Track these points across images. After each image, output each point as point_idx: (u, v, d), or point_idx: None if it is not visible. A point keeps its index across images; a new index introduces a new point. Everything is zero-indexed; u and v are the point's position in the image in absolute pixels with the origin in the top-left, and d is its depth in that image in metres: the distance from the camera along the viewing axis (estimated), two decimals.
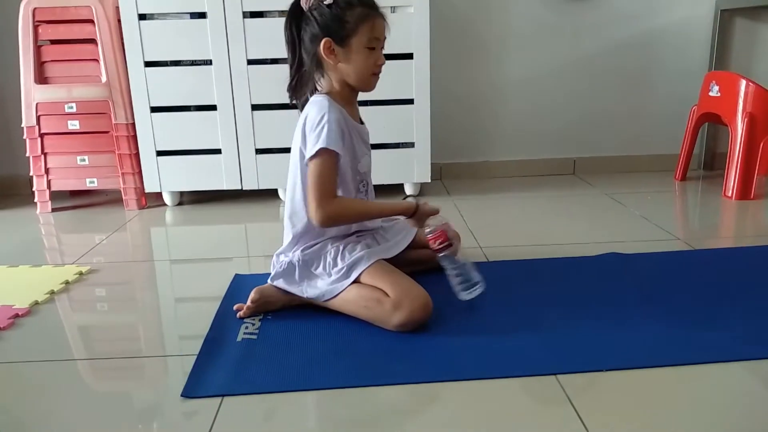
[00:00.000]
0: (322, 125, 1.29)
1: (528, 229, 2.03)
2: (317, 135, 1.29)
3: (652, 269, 1.60)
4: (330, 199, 1.31)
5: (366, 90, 1.37)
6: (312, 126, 1.31)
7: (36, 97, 2.30)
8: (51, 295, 1.56)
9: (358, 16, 1.28)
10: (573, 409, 1.01)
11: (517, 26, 2.62)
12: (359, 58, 1.31)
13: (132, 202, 2.39)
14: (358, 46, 1.30)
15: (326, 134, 1.28)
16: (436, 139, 2.41)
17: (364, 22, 1.29)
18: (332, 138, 1.29)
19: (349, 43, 1.30)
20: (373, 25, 1.30)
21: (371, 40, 1.30)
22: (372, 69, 1.33)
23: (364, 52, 1.31)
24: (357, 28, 1.29)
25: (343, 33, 1.29)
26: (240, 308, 1.38)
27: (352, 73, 1.33)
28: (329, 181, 1.31)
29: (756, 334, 1.23)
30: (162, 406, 1.09)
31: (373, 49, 1.32)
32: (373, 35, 1.30)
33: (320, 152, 1.29)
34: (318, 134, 1.29)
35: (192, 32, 2.23)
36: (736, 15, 2.65)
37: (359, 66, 1.32)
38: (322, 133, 1.29)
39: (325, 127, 1.29)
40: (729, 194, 2.28)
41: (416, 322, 1.26)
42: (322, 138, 1.28)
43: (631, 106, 2.74)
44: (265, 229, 2.19)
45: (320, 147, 1.28)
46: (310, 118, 1.32)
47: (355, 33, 1.29)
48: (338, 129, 1.30)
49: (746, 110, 2.23)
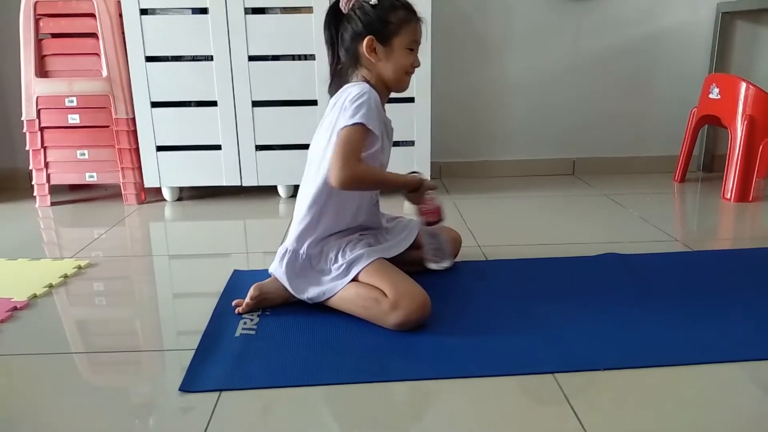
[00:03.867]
0: (363, 101, 1.30)
1: (527, 228, 2.03)
2: (356, 108, 1.29)
3: (650, 270, 1.60)
4: (356, 161, 1.30)
5: (399, 90, 1.41)
6: (353, 99, 1.31)
7: (36, 91, 2.30)
8: (49, 288, 1.56)
9: (401, 18, 1.34)
10: (570, 408, 1.01)
11: (518, 27, 2.62)
12: (399, 58, 1.36)
13: (131, 196, 2.39)
14: (399, 47, 1.35)
15: (366, 111, 1.29)
16: (436, 138, 2.41)
17: (406, 24, 1.35)
18: (372, 117, 1.30)
19: (391, 42, 1.35)
20: (415, 28, 1.36)
21: (411, 42, 1.36)
22: (408, 69, 1.38)
23: (404, 52, 1.36)
24: (399, 29, 1.34)
25: (387, 32, 1.34)
26: (239, 304, 1.38)
27: (391, 71, 1.37)
28: (358, 148, 1.30)
29: (753, 336, 1.24)
30: (160, 400, 1.09)
31: (412, 50, 1.37)
32: (413, 38, 1.36)
33: (357, 125, 1.29)
34: (357, 108, 1.29)
35: (193, 28, 2.23)
36: (736, 18, 2.65)
37: (398, 65, 1.36)
38: (361, 109, 1.29)
39: (366, 105, 1.30)
40: (728, 196, 2.28)
41: (414, 322, 1.26)
42: (362, 113, 1.29)
43: (631, 107, 2.74)
44: (265, 225, 2.19)
45: (359, 121, 1.28)
46: (351, 93, 1.32)
47: (397, 34, 1.34)
48: (377, 111, 1.32)
49: (746, 113, 2.24)
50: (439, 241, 1.46)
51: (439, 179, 2.70)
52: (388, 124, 1.45)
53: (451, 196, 2.43)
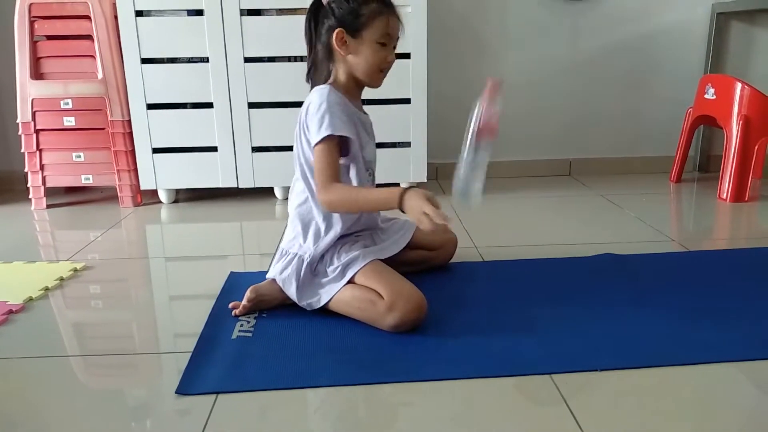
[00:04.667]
0: (323, 110, 1.30)
1: (523, 229, 2.03)
2: (320, 121, 1.29)
3: (646, 270, 1.60)
4: (330, 187, 1.30)
5: (372, 86, 1.39)
6: (313, 113, 1.31)
7: (32, 93, 2.29)
8: (45, 291, 1.55)
9: (373, 11, 1.31)
10: (567, 408, 1.01)
11: (514, 27, 2.63)
12: (369, 52, 1.33)
13: (127, 199, 2.38)
14: (369, 40, 1.32)
15: (329, 119, 1.29)
16: (432, 139, 2.41)
17: (378, 17, 1.31)
18: (336, 123, 1.29)
19: (360, 35, 1.32)
20: (387, 21, 1.32)
21: (383, 36, 1.32)
22: (380, 65, 1.35)
23: (374, 46, 1.32)
24: (370, 21, 1.31)
25: (357, 25, 1.31)
26: (236, 306, 1.38)
27: (361, 65, 1.34)
28: (332, 167, 1.31)
29: (750, 336, 1.24)
30: (156, 403, 1.09)
31: (385, 45, 1.33)
32: (385, 31, 1.32)
33: (324, 140, 1.29)
34: (320, 120, 1.29)
35: (189, 29, 2.23)
36: (732, 18, 2.66)
37: (368, 59, 1.33)
38: (324, 119, 1.29)
39: (327, 112, 1.29)
40: (724, 196, 2.29)
41: (410, 324, 1.26)
42: (326, 124, 1.29)
43: (627, 107, 2.75)
44: (261, 226, 2.19)
45: (325, 135, 1.28)
46: (311, 105, 1.33)
47: (367, 26, 1.31)
48: (341, 113, 1.31)
49: (741, 113, 2.24)
50: (482, 161, 1.36)
51: (435, 180, 2.70)
52: (365, 120, 1.43)
53: (448, 196, 2.43)
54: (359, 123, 1.39)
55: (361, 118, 1.41)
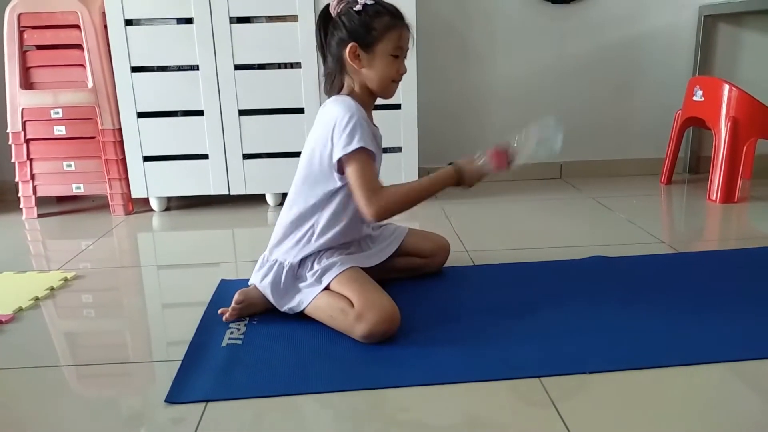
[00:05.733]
0: (354, 124, 1.30)
1: (515, 233, 2.04)
2: (350, 134, 1.29)
3: (636, 272, 1.61)
4: (377, 193, 1.30)
5: (385, 96, 1.40)
6: (344, 125, 1.30)
7: (21, 103, 2.29)
8: (35, 301, 1.55)
9: (386, 25, 1.32)
10: (556, 411, 1.02)
11: (501, 32, 2.64)
12: (382, 65, 1.33)
13: (119, 207, 2.38)
14: (382, 53, 1.33)
15: (360, 133, 1.29)
16: (423, 144, 2.41)
17: (390, 30, 1.32)
18: (366, 138, 1.30)
19: (374, 49, 1.32)
20: (400, 34, 1.34)
21: (396, 49, 1.34)
22: (393, 76, 1.36)
23: (387, 59, 1.33)
24: (383, 35, 1.32)
25: (370, 39, 1.31)
26: (224, 312, 1.37)
27: (375, 78, 1.35)
28: (371, 176, 1.31)
29: (740, 336, 1.25)
30: (146, 411, 1.08)
31: (397, 57, 1.35)
32: (398, 44, 1.34)
33: (358, 151, 1.29)
34: (351, 133, 1.29)
35: (179, 38, 2.23)
36: (719, 21, 2.68)
37: (382, 72, 1.34)
38: (356, 132, 1.29)
39: (358, 126, 1.29)
40: (713, 197, 2.30)
41: (379, 335, 1.24)
42: (358, 137, 1.28)
43: (616, 110, 2.76)
44: (253, 234, 2.19)
45: (358, 146, 1.28)
46: (337, 117, 1.31)
47: (380, 40, 1.32)
48: (369, 130, 1.32)
49: (729, 114, 2.26)
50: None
51: None
52: (377, 133, 1.43)
53: (439, 201, 2.44)
54: (375, 137, 1.39)
55: (374, 131, 1.41)
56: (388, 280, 1.41)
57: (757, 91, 2.29)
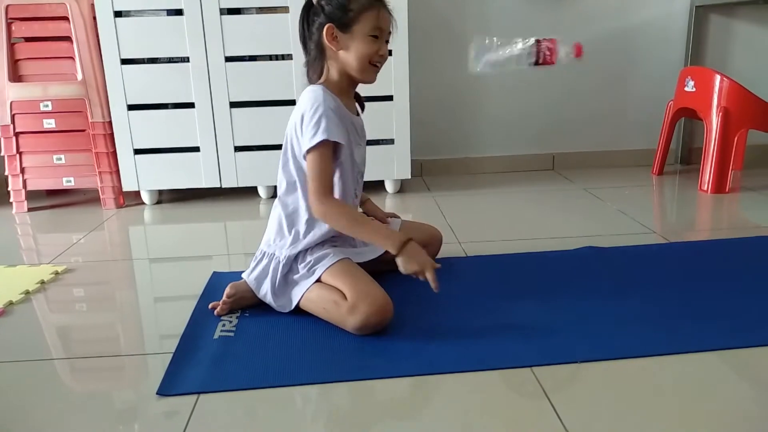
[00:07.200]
0: (320, 114, 1.29)
1: (507, 224, 2.04)
2: (315, 125, 1.28)
3: (628, 262, 1.61)
4: (330, 196, 1.30)
5: (365, 81, 1.36)
6: (308, 118, 1.30)
7: (10, 96, 2.27)
8: (26, 295, 1.54)
9: (363, 5, 1.30)
10: (548, 401, 1.02)
11: (494, 24, 2.63)
12: (360, 46, 1.31)
13: (110, 201, 2.36)
14: (360, 34, 1.30)
15: (325, 123, 1.28)
16: (415, 135, 2.41)
17: (367, 10, 1.30)
18: (332, 129, 1.28)
19: (351, 30, 1.30)
20: (377, 15, 1.31)
21: (374, 29, 1.30)
22: (372, 58, 1.32)
23: (365, 39, 1.30)
24: (360, 15, 1.29)
25: (346, 19, 1.29)
26: (215, 306, 1.37)
27: (353, 61, 1.32)
28: (328, 173, 1.31)
29: (731, 325, 1.25)
30: (138, 404, 1.08)
31: (376, 38, 1.32)
32: (376, 24, 1.30)
33: (319, 145, 1.28)
34: (316, 124, 1.28)
35: (169, 29, 2.22)
36: (710, 11, 2.68)
37: (360, 54, 1.31)
38: (320, 123, 1.28)
39: (323, 116, 1.28)
40: (705, 188, 2.31)
41: (372, 326, 1.23)
42: (322, 128, 1.28)
43: (608, 101, 2.77)
44: (245, 226, 2.18)
45: (320, 139, 1.27)
46: (305, 109, 1.31)
47: (357, 21, 1.29)
48: (336, 118, 1.30)
49: (721, 105, 2.26)
50: None
51: (420, 176, 2.70)
52: (357, 122, 1.42)
53: (432, 193, 2.44)
54: (351, 126, 1.38)
55: (353, 120, 1.40)
56: (380, 271, 1.41)
57: (748, 81, 2.30)
